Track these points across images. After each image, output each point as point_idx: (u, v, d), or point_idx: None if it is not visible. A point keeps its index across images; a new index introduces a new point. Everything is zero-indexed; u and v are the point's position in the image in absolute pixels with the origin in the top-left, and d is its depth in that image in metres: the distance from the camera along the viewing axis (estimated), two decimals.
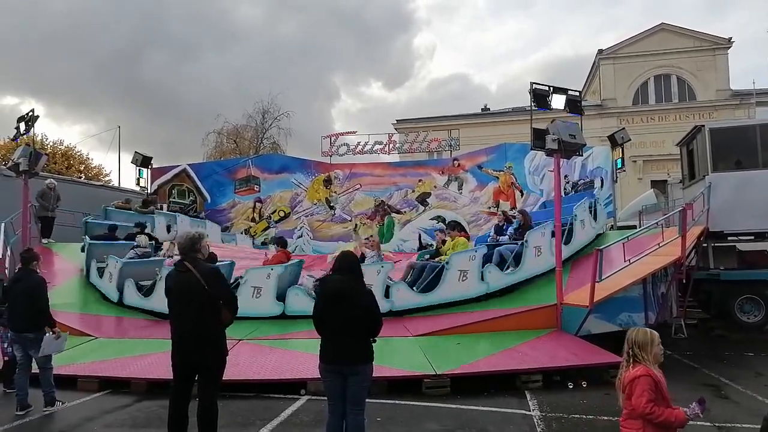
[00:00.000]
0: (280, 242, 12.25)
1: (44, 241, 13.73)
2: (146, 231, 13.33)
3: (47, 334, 6.33)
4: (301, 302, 9.73)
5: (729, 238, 12.09)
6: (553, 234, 10.42)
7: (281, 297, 10.06)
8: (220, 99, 54.83)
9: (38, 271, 6.76)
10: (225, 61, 68.66)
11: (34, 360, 6.44)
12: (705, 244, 11.73)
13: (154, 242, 12.91)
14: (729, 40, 32.49)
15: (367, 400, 4.43)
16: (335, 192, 19.18)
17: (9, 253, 11.61)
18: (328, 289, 4.45)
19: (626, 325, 8.91)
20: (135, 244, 12.00)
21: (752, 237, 12.13)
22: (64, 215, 14.66)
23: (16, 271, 7.08)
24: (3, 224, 12.27)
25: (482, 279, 10.13)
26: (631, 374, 3.17)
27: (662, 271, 9.62)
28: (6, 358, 7.06)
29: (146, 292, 10.56)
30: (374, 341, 4.40)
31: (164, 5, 75.67)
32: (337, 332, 4.30)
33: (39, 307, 6.41)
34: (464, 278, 10.00)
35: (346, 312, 4.25)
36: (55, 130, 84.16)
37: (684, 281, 10.98)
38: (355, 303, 4.29)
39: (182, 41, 71.08)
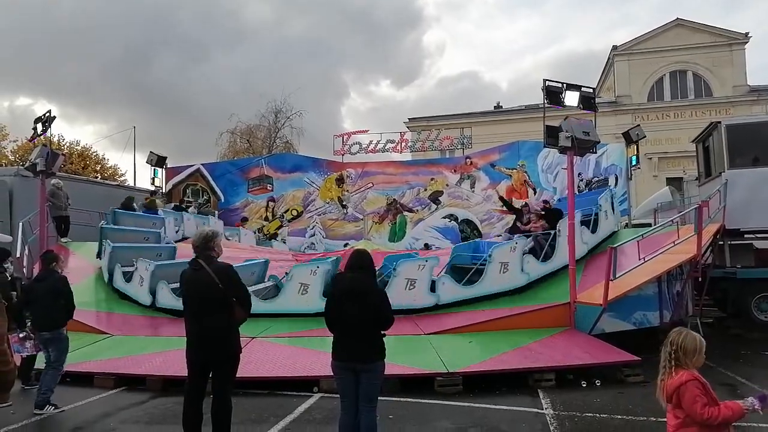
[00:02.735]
0: None
1: (62, 240, 13.91)
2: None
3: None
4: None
5: (746, 235, 11.92)
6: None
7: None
8: (230, 98, 55.25)
9: (59, 270, 6.86)
10: (235, 61, 69.20)
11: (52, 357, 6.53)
12: (721, 242, 11.58)
13: None
14: (746, 35, 32.05)
15: (379, 397, 4.44)
16: (347, 191, 19.23)
17: (27, 252, 11.79)
18: (341, 287, 4.48)
19: (641, 324, 8.86)
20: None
21: None
22: (80, 214, 14.81)
23: (38, 272, 7.16)
24: (21, 224, 12.47)
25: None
26: (676, 381, 2.97)
27: (677, 269, 9.52)
28: (23, 356, 7.16)
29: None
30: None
31: (174, 6, 76.36)
32: (348, 329, 4.32)
33: (66, 303, 6.55)
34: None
35: (358, 309, 4.27)
36: (68, 130, 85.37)
37: (700, 279, 10.85)
38: (367, 301, 4.30)
39: (192, 42, 71.74)
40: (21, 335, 6.50)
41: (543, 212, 11.98)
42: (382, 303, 4.42)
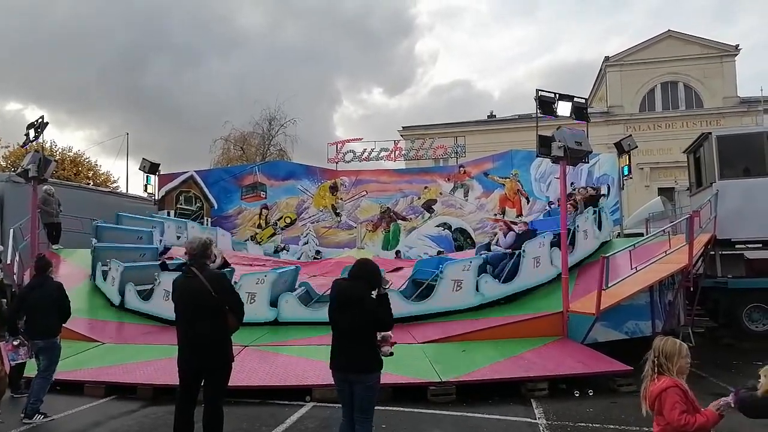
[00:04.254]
0: None
1: (53, 247, 13.81)
2: None
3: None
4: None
5: (737, 245, 12.01)
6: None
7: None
8: (223, 105, 55.25)
9: (53, 276, 6.81)
10: (228, 68, 69.21)
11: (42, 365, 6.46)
12: (712, 252, 11.65)
13: None
14: (736, 47, 32.46)
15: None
16: (341, 199, 19.23)
17: (18, 258, 11.71)
18: (337, 292, 4.48)
19: (633, 333, 8.89)
20: None
21: (760, 245, 12.04)
22: (71, 221, 14.70)
23: (33, 279, 7.09)
24: (12, 230, 12.38)
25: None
26: (657, 387, 3.04)
27: (669, 278, 9.57)
28: (12, 364, 7.08)
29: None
30: (392, 354, 4.40)
31: (167, 12, 76.38)
32: (343, 336, 4.32)
33: (66, 310, 6.55)
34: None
35: (353, 317, 4.26)
36: (58, 136, 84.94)
37: (692, 289, 10.91)
38: (363, 309, 4.28)
39: (185, 47, 71.72)
40: (15, 343, 6.42)
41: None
42: (378, 308, 4.37)
